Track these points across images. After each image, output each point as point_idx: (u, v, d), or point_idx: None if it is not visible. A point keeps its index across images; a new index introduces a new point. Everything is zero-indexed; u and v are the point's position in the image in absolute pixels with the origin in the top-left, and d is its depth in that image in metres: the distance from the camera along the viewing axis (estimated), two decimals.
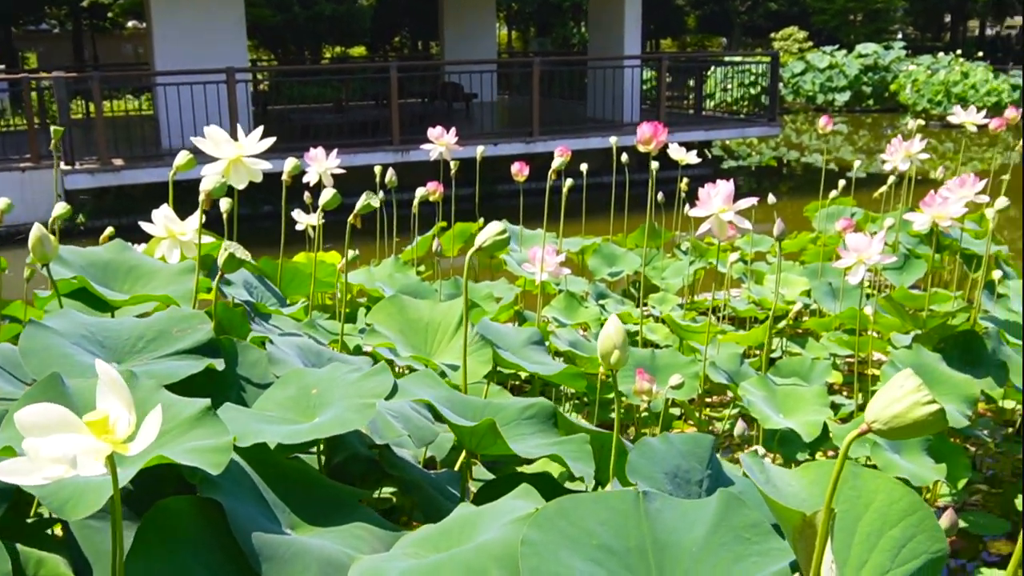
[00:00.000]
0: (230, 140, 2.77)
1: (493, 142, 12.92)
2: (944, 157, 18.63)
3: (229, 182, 2.85)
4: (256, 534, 1.88)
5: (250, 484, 2.09)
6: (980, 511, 3.91)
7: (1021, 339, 4.04)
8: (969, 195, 3.88)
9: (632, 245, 6.41)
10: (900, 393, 1.18)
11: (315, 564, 1.86)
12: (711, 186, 3.54)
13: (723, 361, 3.85)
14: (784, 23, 36.55)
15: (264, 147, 3.28)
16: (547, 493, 1.98)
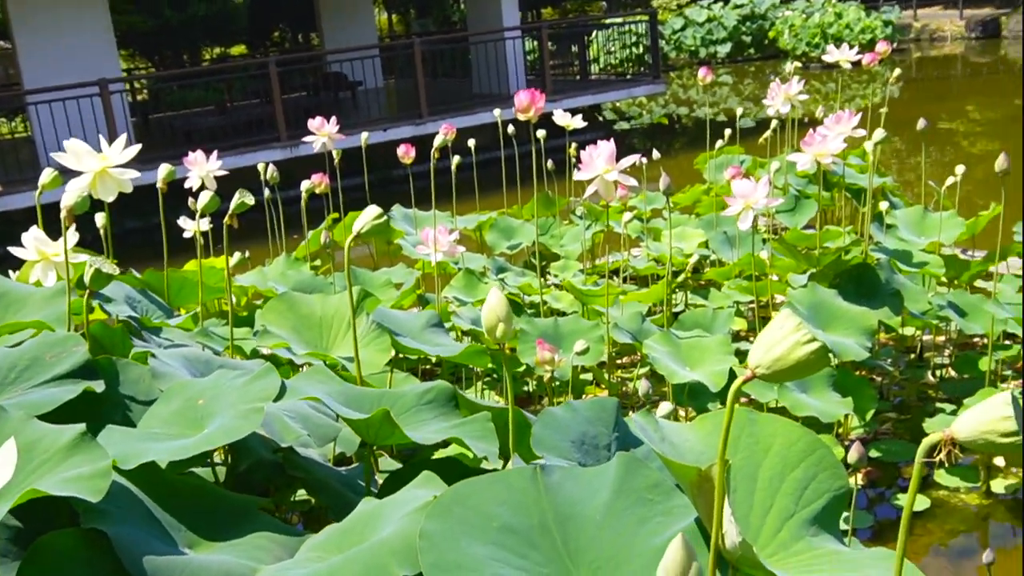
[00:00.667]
0: (92, 152, 2.63)
1: (383, 128, 12.74)
2: (827, 98, 19.02)
3: (97, 195, 2.72)
4: (147, 559, 1.78)
5: (140, 507, 1.99)
6: (892, 439, 3.98)
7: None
8: (846, 131, 3.91)
9: (528, 216, 6.37)
10: (780, 335, 1.14)
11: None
12: (593, 148, 3.51)
13: (626, 321, 3.84)
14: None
15: (129, 156, 3.13)
16: (456, 477, 1.92)
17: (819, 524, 1.41)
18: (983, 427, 1.08)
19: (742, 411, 1.51)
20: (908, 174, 12.19)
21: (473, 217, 6.23)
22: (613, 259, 5.86)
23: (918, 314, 3.92)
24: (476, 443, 2.07)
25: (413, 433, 2.06)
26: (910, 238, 4.51)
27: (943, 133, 15.26)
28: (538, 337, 3.83)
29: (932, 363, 4.57)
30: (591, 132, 16.20)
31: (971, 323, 3.89)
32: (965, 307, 3.96)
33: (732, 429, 1.47)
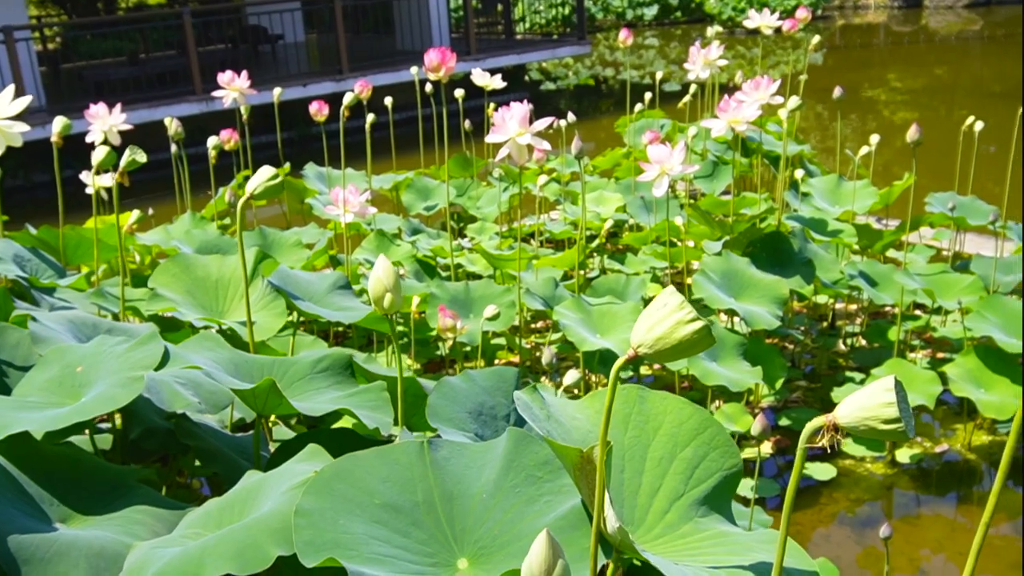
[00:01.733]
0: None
1: (302, 83, 12.45)
2: (752, 63, 19.14)
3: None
4: (13, 537, 1.68)
5: (8, 480, 1.87)
6: (801, 407, 4.00)
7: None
8: (764, 97, 3.89)
9: (446, 177, 6.26)
10: (663, 313, 1.08)
11: (83, 560, 1.67)
12: (505, 109, 3.42)
13: (538, 287, 3.78)
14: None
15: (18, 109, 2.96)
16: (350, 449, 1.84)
17: (709, 505, 1.36)
18: (865, 413, 1.04)
19: (632, 389, 1.45)
20: (830, 141, 12.32)
21: (389, 177, 6.10)
22: (530, 222, 5.80)
23: (829, 284, 3.93)
24: (369, 413, 1.99)
25: (301, 403, 1.97)
26: (825, 207, 4.53)
27: (865, 101, 15.47)
28: (449, 301, 3.76)
29: (844, 331, 4.60)
30: (514, 92, 16.07)
31: (881, 293, 3.92)
32: (876, 277, 3.98)
33: (622, 408, 1.41)
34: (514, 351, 4.09)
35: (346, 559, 1.31)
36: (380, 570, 1.31)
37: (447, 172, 4.28)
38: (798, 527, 3.34)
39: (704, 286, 3.52)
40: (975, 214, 4.41)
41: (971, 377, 3.42)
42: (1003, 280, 3.99)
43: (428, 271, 4.50)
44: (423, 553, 1.41)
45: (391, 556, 1.37)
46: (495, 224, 5.68)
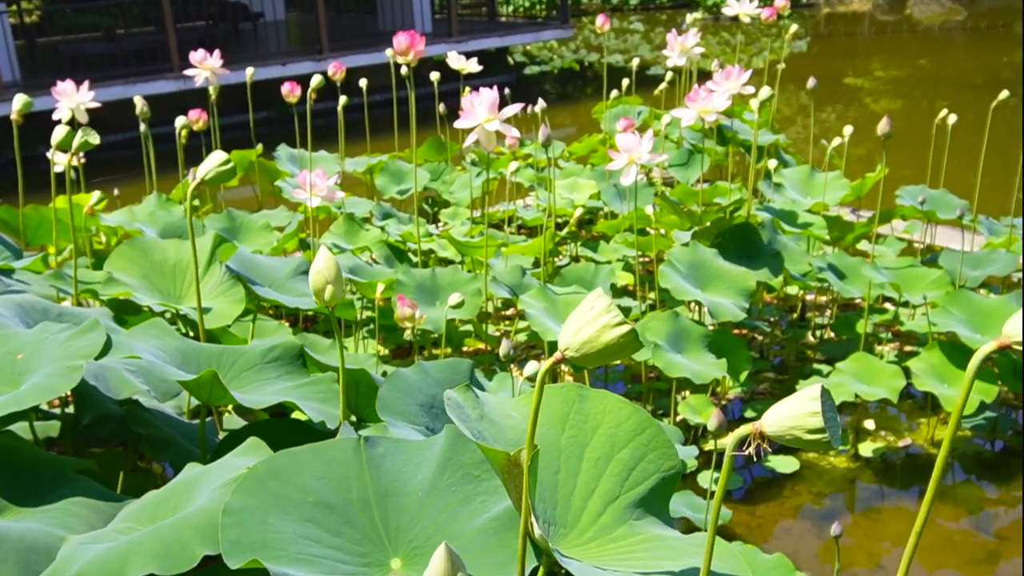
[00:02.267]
0: None
1: (281, 62, 12.35)
2: (736, 50, 19.11)
3: None
4: None
5: None
6: (768, 399, 3.99)
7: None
8: (735, 87, 3.86)
9: (421, 161, 6.21)
10: (589, 316, 1.05)
11: (13, 554, 1.63)
12: (475, 95, 3.38)
13: (505, 275, 3.74)
14: None
15: None
16: (296, 442, 1.80)
17: (645, 507, 1.34)
18: (791, 422, 1.01)
19: (572, 388, 1.42)
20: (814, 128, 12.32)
21: (363, 160, 6.04)
22: (504, 208, 5.77)
23: (798, 276, 3.91)
24: (317, 406, 1.95)
25: (244, 395, 1.93)
26: (796, 198, 4.51)
27: (849, 89, 15.47)
28: (415, 288, 3.72)
29: (813, 323, 4.59)
30: (497, 75, 15.98)
31: (849, 286, 3.90)
32: (844, 270, 3.97)
33: (560, 407, 1.39)
34: (481, 338, 4.06)
35: (272, 560, 1.28)
36: (308, 571, 1.28)
37: (415, 156, 4.23)
38: (760, 520, 3.33)
39: (670, 277, 3.50)
40: (945, 208, 4.40)
41: (935, 372, 3.42)
42: (971, 274, 3.98)
43: (399, 256, 4.47)
44: (356, 553, 1.38)
45: (321, 556, 1.34)
46: (468, 209, 5.64)
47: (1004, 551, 3.24)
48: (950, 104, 5.23)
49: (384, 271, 4.02)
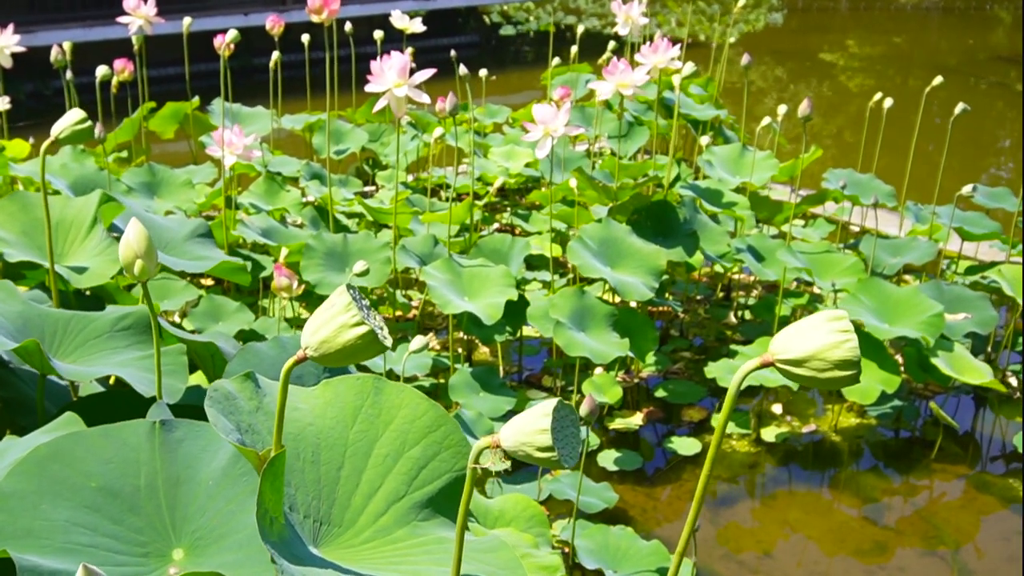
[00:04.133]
0: None
1: (244, 12, 12.13)
2: (712, 19, 18.99)
3: None
4: None
5: None
6: (681, 379, 3.96)
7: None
8: (662, 61, 3.79)
9: (362, 120, 6.11)
10: (329, 314, 1.00)
11: None
12: (385, 59, 3.30)
13: (416, 244, 3.68)
14: None
15: None
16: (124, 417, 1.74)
17: (433, 508, 1.30)
18: (523, 437, 0.96)
19: (368, 379, 1.37)
20: (786, 102, 12.27)
21: (302, 117, 5.93)
22: (441, 173, 5.69)
23: (714, 256, 3.87)
24: (164, 378, 1.89)
25: (71, 367, 1.87)
26: (725, 176, 4.46)
27: (823, 65, 15.41)
28: (325, 254, 3.65)
29: (736, 303, 4.57)
30: (466, 35, 15.78)
31: (767, 269, 3.87)
32: (764, 252, 3.93)
33: (354, 400, 1.33)
34: (395, 306, 4.01)
35: (30, 550, 1.23)
36: (68, 561, 1.23)
37: (328, 119, 4.14)
38: (656, 503, 3.32)
39: (579, 253, 3.45)
40: (870, 192, 4.36)
41: None
42: (889, 261, 3.96)
43: (326, 219, 4.39)
44: (135, 543, 1.33)
45: (91, 546, 1.29)
46: (405, 173, 5.56)
47: (902, 540, 3.24)
48: (921, 84, 5.16)
49: (299, 235, 3.95)
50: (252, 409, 1.27)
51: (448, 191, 5.40)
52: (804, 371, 0.93)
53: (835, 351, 0.90)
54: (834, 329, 0.90)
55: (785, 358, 0.94)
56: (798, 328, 0.94)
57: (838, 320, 0.91)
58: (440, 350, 4.08)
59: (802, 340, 0.92)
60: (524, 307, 3.58)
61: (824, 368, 0.92)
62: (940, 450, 3.57)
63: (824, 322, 0.91)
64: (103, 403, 1.92)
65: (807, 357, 0.92)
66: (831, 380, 0.92)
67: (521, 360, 4.06)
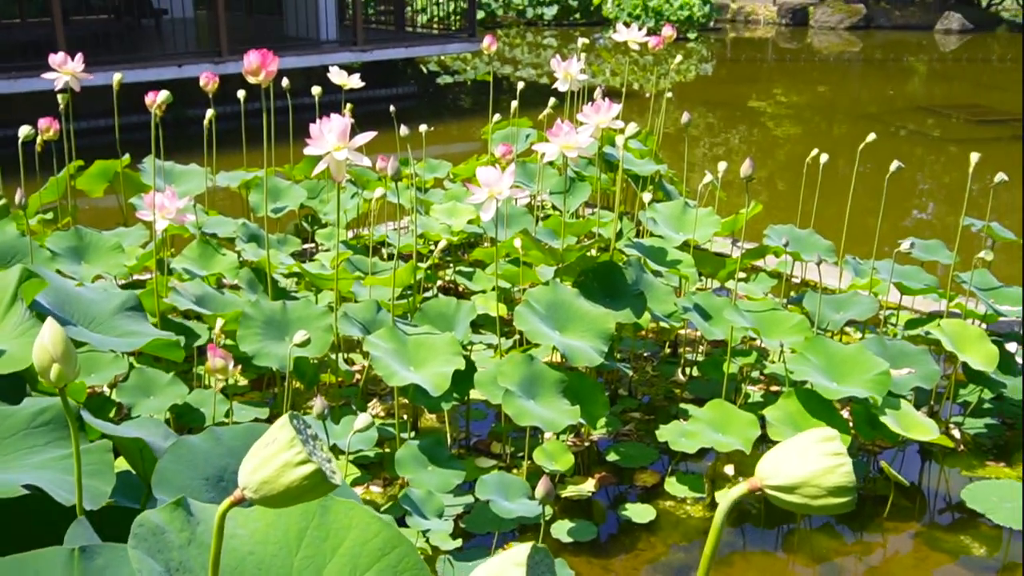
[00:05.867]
0: None
1: (178, 64, 11.99)
2: (645, 70, 19.27)
3: None
4: None
5: None
6: (632, 442, 3.90)
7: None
8: (604, 121, 3.77)
9: (300, 177, 6.01)
10: (270, 451, 0.91)
11: None
12: (324, 121, 3.22)
13: (359, 310, 3.58)
14: None
15: None
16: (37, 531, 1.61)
17: None
18: None
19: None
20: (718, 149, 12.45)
21: (239, 174, 5.81)
22: (384, 229, 5.60)
23: (661, 316, 3.84)
24: (87, 480, 1.77)
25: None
26: (668, 233, 4.44)
27: (752, 113, 15.68)
28: (263, 322, 3.53)
29: (684, 359, 4.53)
30: (403, 86, 15.75)
31: (714, 328, 3.84)
32: (710, 310, 3.90)
33: (298, 521, 1.24)
34: (338, 375, 3.89)
35: None
36: None
37: (267, 174, 4.04)
38: (611, 575, 3.23)
39: (527, 318, 3.38)
40: (810, 248, 4.38)
41: (791, 420, 3.37)
42: (833, 317, 3.96)
43: (263, 280, 4.27)
44: None
45: None
46: (345, 230, 5.46)
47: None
48: (846, 130, 5.23)
49: (236, 302, 3.83)
50: (183, 543, 1.16)
51: (390, 247, 5.31)
52: (796, 498, 0.87)
53: (828, 477, 0.84)
54: (826, 452, 0.84)
55: (775, 483, 0.88)
56: (787, 449, 0.87)
57: (829, 441, 0.84)
58: (385, 417, 3.97)
59: (792, 463, 0.86)
60: (471, 373, 3.49)
61: (817, 495, 0.85)
62: (892, 506, 3.54)
63: (815, 443, 0.85)
64: (18, 511, 1.78)
65: (799, 483, 0.86)
66: (825, 507, 0.86)
67: (468, 426, 3.97)
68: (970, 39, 25.07)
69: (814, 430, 0.85)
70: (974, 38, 25.18)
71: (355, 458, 3.50)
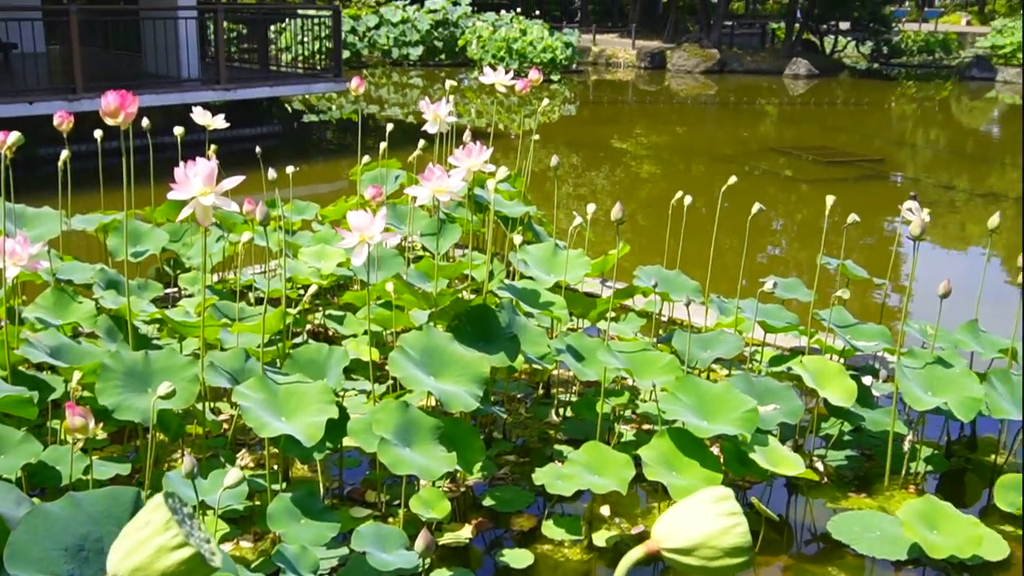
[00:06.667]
0: None
1: (29, 100, 11.52)
2: (510, 110, 19.53)
3: None
4: None
5: None
6: (508, 485, 3.88)
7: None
8: (476, 165, 3.78)
9: (162, 219, 5.82)
10: (144, 535, 0.85)
11: None
12: (190, 164, 3.13)
13: (226, 359, 3.47)
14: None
15: None
16: None
17: None
18: None
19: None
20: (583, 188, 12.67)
21: (95, 217, 5.59)
22: (252, 272, 5.47)
23: (535, 359, 3.85)
24: None
25: None
26: (540, 275, 4.48)
27: (615, 153, 16.06)
28: (124, 374, 3.38)
29: (557, 400, 4.56)
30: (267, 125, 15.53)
31: (587, 369, 3.87)
32: (583, 351, 3.94)
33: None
34: (205, 427, 3.76)
35: None
36: None
37: (126, 217, 3.90)
38: None
39: (401, 364, 3.34)
40: (678, 288, 4.49)
41: (664, 460, 3.41)
42: (701, 356, 4.05)
43: (123, 328, 4.09)
44: None
45: None
46: (210, 275, 5.31)
47: None
48: (703, 170, 5.39)
49: (94, 352, 3.66)
50: None
51: (258, 292, 5.19)
52: (694, 560, 0.87)
53: (725, 538, 0.84)
54: (721, 512, 0.84)
55: (672, 546, 0.87)
56: (682, 510, 0.87)
57: (724, 500, 0.85)
58: (255, 467, 3.85)
59: (687, 524, 0.86)
60: (344, 421, 3.42)
61: (715, 556, 0.85)
62: (762, 540, 3.62)
63: (709, 504, 0.85)
64: None
65: (695, 545, 0.86)
66: (722, 569, 0.85)
67: (342, 474, 3.88)
68: (816, 84, 26.41)
69: (708, 489, 0.85)
70: (820, 83, 26.55)
71: (224, 512, 3.37)
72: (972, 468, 4.22)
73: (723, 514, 0.84)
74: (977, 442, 4.42)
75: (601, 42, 29.59)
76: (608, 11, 42.44)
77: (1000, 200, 12.91)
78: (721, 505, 0.84)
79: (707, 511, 0.85)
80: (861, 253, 9.53)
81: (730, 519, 0.84)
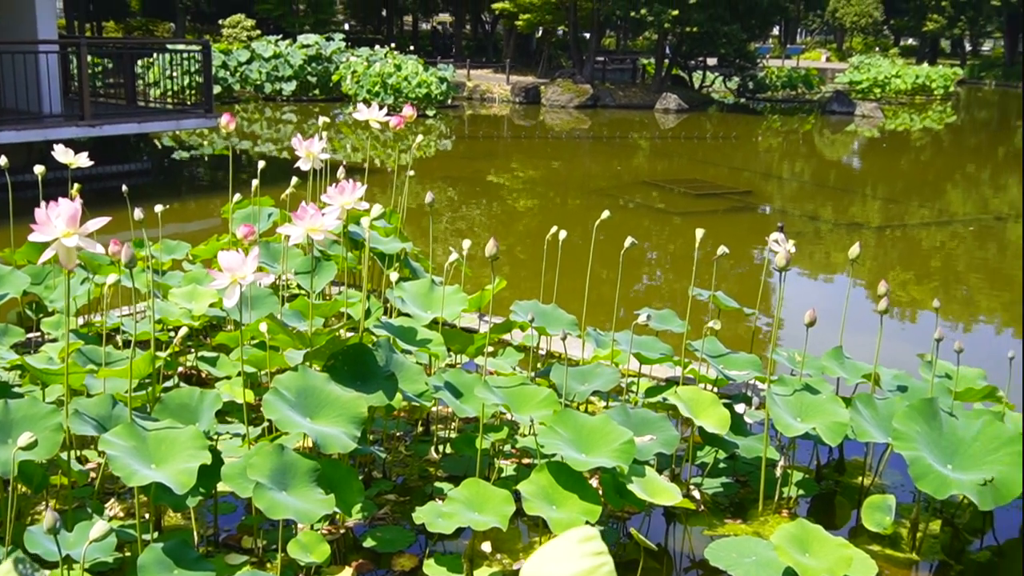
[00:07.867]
0: None
1: None
2: (386, 145, 19.50)
3: None
4: None
5: None
6: (388, 525, 3.83)
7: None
8: (349, 203, 3.76)
9: (22, 261, 5.59)
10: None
11: None
12: (53, 205, 3.03)
13: (92, 406, 3.35)
14: (230, 11, 36.22)
15: None
16: None
17: None
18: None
19: None
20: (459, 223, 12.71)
21: None
22: (120, 314, 5.29)
23: (413, 397, 3.83)
24: None
25: None
26: (416, 312, 4.47)
27: (491, 187, 16.19)
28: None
29: (437, 437, 4.54)
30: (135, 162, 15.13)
31: (466, 405, 3.87)
32: (462, 387, 3.94)
33: None
34: (71, 476, 3.60)
35: None
36: None
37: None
38: None
39: (276, 406, 3.28)
40: (555, 323, 4.54)
41: (544, 494, 3.43)
42: (578, 389, 4.10)
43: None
44: None
45: None
46: (75, 318, 5.12)
47: None
48: (579, 204, 5.48)
49: None
50: None
51: (125, 335, 5.02)
52: None
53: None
54: (587, 552, 0.85)
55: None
56: (549, 552, 0.88)
57: (589, 541, 0.86)
58: (125, 517, 3.71)
59: (555, 567, 0.86)
60: (218, 467, 3.33)
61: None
62: (642, 569, 3.67)
63: (576, 544, 0.86)
64: None
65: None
66: None
67: (217, 520, 3.78)
68: (686, 118, 27.24)
69: (574, 530, 0.86)
70: (690, 117, 27.40)
71: (92, 565, 3.24)
72: (841, 491, 4.37)
73: (589, 554, 0.86)
74: (845, 465, 4.59)
75: (476, 77, 29.90)
76: (482, 46, 42.96)
77: (862, 229, 13.53)
78: (587, 545, 0.86)
79: (573, 552, 0.86)
80: (732, 283, 9.83)
81: (596, 559, 0.85)
